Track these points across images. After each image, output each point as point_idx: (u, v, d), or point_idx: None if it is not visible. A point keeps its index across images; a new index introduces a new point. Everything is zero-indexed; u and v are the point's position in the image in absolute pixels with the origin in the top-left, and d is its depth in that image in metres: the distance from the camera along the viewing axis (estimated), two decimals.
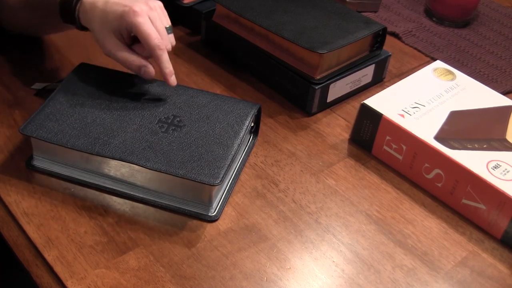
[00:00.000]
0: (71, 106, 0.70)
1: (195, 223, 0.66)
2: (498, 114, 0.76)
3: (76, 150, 0.65)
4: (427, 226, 0.68)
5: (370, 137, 0.76)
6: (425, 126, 0.73)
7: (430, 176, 0.71)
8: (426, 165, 0.71)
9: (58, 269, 0.59)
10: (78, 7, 0.71)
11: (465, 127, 0.73)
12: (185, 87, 0.75)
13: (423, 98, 0.77)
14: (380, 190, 0.72)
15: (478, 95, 0.79)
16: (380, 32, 0.86)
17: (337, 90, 0.84)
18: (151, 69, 0.71)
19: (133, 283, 0.59)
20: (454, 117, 0.75)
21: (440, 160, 0.70)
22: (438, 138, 0.71)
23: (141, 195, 0.67)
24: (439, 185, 0.71)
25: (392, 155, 0.75)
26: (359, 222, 0.68)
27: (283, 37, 0.81)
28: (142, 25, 0.67)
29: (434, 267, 0.64)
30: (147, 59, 0.71)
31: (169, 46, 0.71)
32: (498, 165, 0.68)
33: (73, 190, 0.68)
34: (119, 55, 0.70)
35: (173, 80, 0.71)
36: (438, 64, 0.84)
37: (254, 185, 0.71)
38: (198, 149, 0.66)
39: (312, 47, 0.79)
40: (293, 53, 0.82)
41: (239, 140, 0.68)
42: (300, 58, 0.81)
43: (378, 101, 0.76)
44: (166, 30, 0.71)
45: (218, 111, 0.71)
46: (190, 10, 0.95)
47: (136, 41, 0.71)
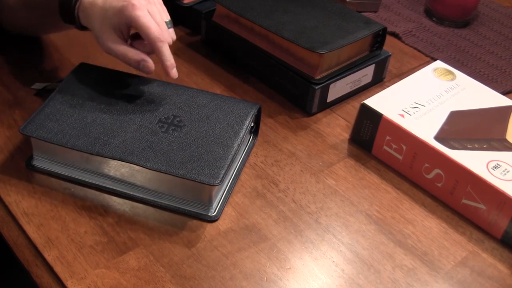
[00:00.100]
0: (71, 106, 0.70)
1: (195, 223, 0.66)
2: (498, 114, 0.76)
3: (76, 150, 0.65)
4: (427, 226, 0.68)
5: (370, 137, 0.76)
6: (425, 126, 0.73)
7: (430, 176, 0.71)
8: (426, 165, 0.71)
9: (58, 269, 0.59)
10: (77, 6, 0.71)
11: (465, 127, 0.73)
12: (185, 87, 0.75)
13: (423, 98, 0.77)
14: (380, 190, 0.72)
15: (478, 95, 0.79)
16: (380, 32, 0.86)
17: (337, 90, 0.84)
18: (151, 63, 0.70)
19: (133, 283, 0.59)
20: (454, 117, 0.75)
21: (440, 160, 0.70)
22: (438, 138, 0.71)
23: (141, 195, 0.67)
24: (439, 185, 0.71)
25: (392, 155, 0.75)
26: (359, 222, 0.68)
27: (283, 37, 0.81)
28: (141, 18, 0.67)
29: (434, 267, 0.64)
30: (148, 55, 0.71)
31: (169, 39, 0.71)
32: (498, 165, 0.68)
33: (73, 190, 0.68)
34: (119, 50, 0.70)
35: (174, 73, 0.70)
36: (438, 64, 0.84)
37: (254, 185, 0.71)
38: (198, 149, 0.66)
39: (312, 47, 0.79)
40: (293, 53, 0.82)
41: (239, 140, 0.68)
42: (300, 58, 0.81)
43: (378, 101, 0.76)
44: (166, 24, 0.71)
45: (218, 111, 0.71)
46: (190, 10, 0.95)
47: (136, 39, 0.72)
